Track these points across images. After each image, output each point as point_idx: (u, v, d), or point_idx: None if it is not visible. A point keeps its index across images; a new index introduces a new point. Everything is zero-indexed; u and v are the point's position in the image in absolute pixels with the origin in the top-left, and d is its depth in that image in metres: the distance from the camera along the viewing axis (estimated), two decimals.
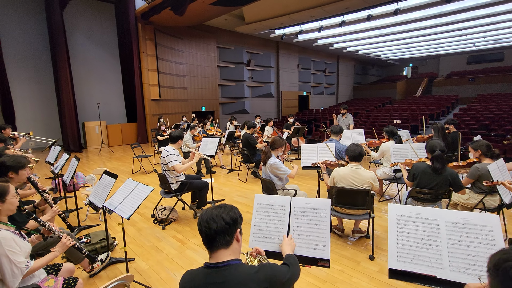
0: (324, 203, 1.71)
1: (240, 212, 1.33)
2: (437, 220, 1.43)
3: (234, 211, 1.26)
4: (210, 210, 1.23)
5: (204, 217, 1.21)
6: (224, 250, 1.20)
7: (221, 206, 1.27)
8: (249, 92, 15.97)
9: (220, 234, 1.18)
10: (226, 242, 1.20)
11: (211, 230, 1.17)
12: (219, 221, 1.18)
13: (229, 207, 1.27)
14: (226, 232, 1.19)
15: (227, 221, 1.20)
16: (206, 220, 1.19)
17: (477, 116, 11.49)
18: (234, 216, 1.24)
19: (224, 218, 1.20)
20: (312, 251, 1.65)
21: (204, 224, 1.19)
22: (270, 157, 3.37)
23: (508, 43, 18.02)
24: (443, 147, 2.82)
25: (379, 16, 11.18)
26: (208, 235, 1.19)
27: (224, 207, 1.26)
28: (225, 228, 1.18)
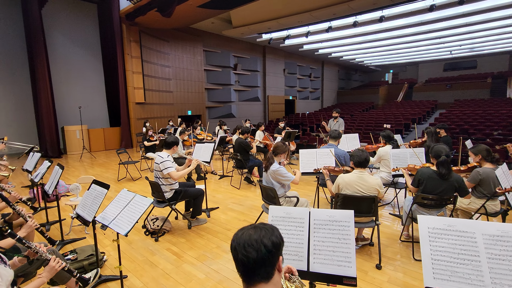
0: (347, 215, 1.60)
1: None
2: (473, 232, 1.35)
3: (275, 233, 1.06)
4: (248, 233, 1.03)
5: (241, 241, 1.02)
6: (264, 285, 1.01)
7: (260, 227, 1.07)
8: (235, 96, 15.84)
9: (261, 266, 0.99)
10: (267, 274, 1.00)
11: (249, 259, 0.98)
12: (259, 248, 0.99)
13: (269, 228, 1.07)
14: (268, 263, 1.00)
15: (269, 248, 1.00)
16: (244, 245, 1.00)
17: (456, 121, 11.94)
18: (276, 241, 1.04)
19: (266, 244, 1.00)
20: (336, 268, 1.52)
21: (242, 252, 0.99)
22: (273, 163, 3.23)
23: (481, 51, 19.03)
24: (448, 152, 2.81)
25: (365, 23, 11.43)
26: (246, 266, 0.99)
27: (264, 228, 1.06)
28: (266, 258, 0.99)
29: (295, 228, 1.63)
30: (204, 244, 3.36)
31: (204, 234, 3.61)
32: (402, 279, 2.62)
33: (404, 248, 3.19)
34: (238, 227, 3.78)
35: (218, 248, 3.26)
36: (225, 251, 3.19)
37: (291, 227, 1.64)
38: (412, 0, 9.51)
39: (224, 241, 3.42)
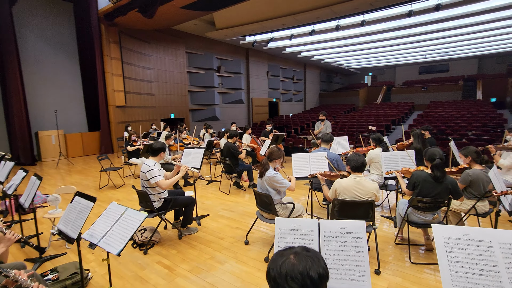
0: (359, 225, 1.54)
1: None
2: (489, 241, 1.32)
3: (322, 264, 0.91)
4: (291, 262, 0.89)
5: (283, 272, 0.88)
6: None
7: (303, 254, 0.92)
8: (219, 98, 15.65)
9: None
10: None
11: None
12: (305, 283, 0.85)
13: (314, 257, 0.92)
14: None
15: (316, 283, 0.85)
16: (287, 278, 0.86)
17: (433, 122, 12.43)
18: (323, 273, 0.89)
19: (313, 277, 0.86)
20: (350, 283, 1.45)
21: (284, 285, 0.86)
22: (268, 169, 3.14)
23: (453, 55, 20.03)
24: (442, 155, 2.84)
25: (347, 27, 11.66)
26: None
27: (308, 257, 0.91)
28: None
29: (304, 241, 1.55)
30: (197, 255, 3.21)
31: (196, 244, 3.45)
32: (401, 284, 2.61)
33: (400, 251, 3.20)
34: (232, 235, 3.68)
35: (212, 259, 3.12)
36: (219, 262, 3.05)
37: (300, 240, 1.56)
38: (391, 5, 9.80)
39: (218, 251, 3.28)
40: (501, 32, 13.64)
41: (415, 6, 9.58)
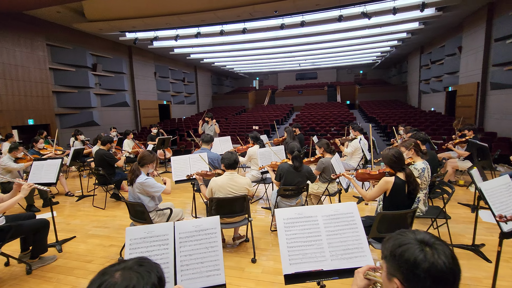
0: (213, 221, 1.56)
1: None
2: (316, 216, 1.58)
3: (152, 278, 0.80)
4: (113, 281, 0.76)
5: None
6: None
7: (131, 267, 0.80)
8: (97, 100, 13.62)
9: None
10: None
11: None
12: None
13: (145, 271, 0.80)
14: None
15: None
16: None
17: (307, 120, 14.60)
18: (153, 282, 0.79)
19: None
20: (206, 280, 1.46)
21: None
22: (139, 175, 2.89)
23: (319, 65, 24.08)
24: (299, 147, 3.30)
25: (230, 32, 12.22)
26: None
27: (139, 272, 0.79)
28: None
29: (159, 247, 1.46)
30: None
31: (52, 276, 2.83)
32: (273, 266, 2.88)
33: (275, 237, 3.54)
34: (104, 255, 3.21)
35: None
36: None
37: (153, 248, 1.46)
38: (268, 17, 10.88)
39: (83, 278, 2.80)
40: (351, 49, 17.28)
41: (286, 20, 10.96)
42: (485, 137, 8.86)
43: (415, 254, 0.81)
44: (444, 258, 0.80)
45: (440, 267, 0.78)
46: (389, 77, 24.10)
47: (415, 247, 0.83)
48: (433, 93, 15.19)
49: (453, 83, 12.72)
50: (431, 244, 0.83)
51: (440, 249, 0.82)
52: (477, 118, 10.99)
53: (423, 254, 0.80)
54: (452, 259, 0.81)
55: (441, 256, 0.80)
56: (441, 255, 0.80)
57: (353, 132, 5.30)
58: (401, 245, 0.86)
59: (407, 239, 0.86)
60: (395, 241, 0.88)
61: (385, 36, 14.00)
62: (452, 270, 0.79)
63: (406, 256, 0.83)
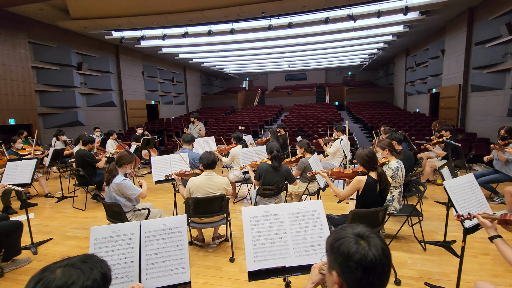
0: (180, 220, 1.57)
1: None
2: (282, 214, 1.61)
3: (93, 275, 0.80)
4: (52, 278, 0.76)
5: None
6: None
7: (74, 263, 0.80)
8: (82, 100, 13.36)
9: None
10: None
11: None
12: None
13: (88, 267, 0.80)
14: None
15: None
16: None
17: (295, 121, 14.71)
18: (92, 285, 0.79)
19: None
20: (171, 278, 1.46)
21: None
22: (116, 175, 2.86)
23: (308, 66, 24.30)
24: (278, 147, 3.33)
25: (219, 33, 12.21)
26: None
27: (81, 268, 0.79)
28: None
29: (124, 246, 1.46)
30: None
31: (25, 279, 2.77)
32: None
33: None
34: None
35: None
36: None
37: (118, 247, 1.46)
38: (255, 18, 10.92)
39: None
40: (339, 51, 17.49)
41: (274, 21, 11.02)
42: (466, 138, 9.14)
43: (349, 247, 0.85)
44: (374, 250, 0.83)
45: (370, 259, 0.82)
46: (376, 79, 24.53)
47: (351, 240, 0.86)
48: (418, 94, 15.54)
49: (437, 85, 13.05)
50: (365, 237, 0.87)
51: (372, 242, 0.86)
52: (459, 119, 11.32)
53: (356, 247, 0.84)
54: (383, 251, 0.85)
55: (372, 249, 0.83)
56: (372, 248, 0.84)
57: (336, 132, 5.38)
58: (339, 238, 0.89)
59: (345, 233, 0.90)
60: (335, 235, 0.92)
61: (371, 38, 14.25)
62: (381, 262, 0.83)
63: (341, 249, 0.86)
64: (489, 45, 9.04)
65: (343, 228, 0.94)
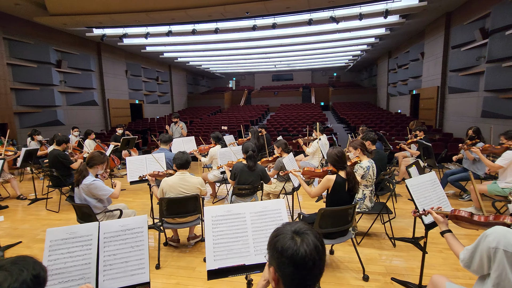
0: (140, 220, 1.56)
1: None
2: (244, 213, 1.63)
3: (23, 276, 0.78)
4: None
5: None
6: None
7: (6, 268, 0.78)
8: (62, 99, 12.97)
9: None
10: None
11: None
12: None
13: (17, 269, 0.78)
14: None
15: None
16: None
17: (281, 121, 14.80)
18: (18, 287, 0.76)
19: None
20: (130, 279, 1.45)
21: None
22: (87, 176, 2.80)
23: (294, 67, 24.50)
24: (254, 147, 3.35)
25: (203, 32, 12.12)
26: None
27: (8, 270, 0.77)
28: None
29: (81, 248, 1.44)
30: None
31: None
32: None
33: None
34: None
35: None
36: None
37: (75, 249, 1.44)
38: (239, 18, 10.91)
39: None
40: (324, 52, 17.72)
41: (258, 21, 11.06)
42: (442, 138, 9.47)
43: (283, 243, 0.88)
44: (306, 246, 0.86)
45: (301, 255, 0.85)
46: (361, 80, 25.01)
47: (287, 237, 0.89)
48: (400, 96, 15.96)
49: (417, 86, 13.44)
50: (301, 234, 0.89)
51: (306, 238, 0.88)
52: (437, 120, 11.70)
53: (289, 243, 0.87)
54: (315, 247, 0.87)
55: (304, 245, 0.86)
56: (304, 244, 0.86)
57: (315, 132, 5.46)
58: (277, 235, 0.92)
59: (283, 230, 0.93)
60: (275, 232, 0.94)
61: (355, 40, 14.52)
62: (312, 258, 0.86)
63: (277, 245, 0.89)
64: (464, 49, 9.40)
65: (284, 225, 0.96)
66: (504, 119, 7.70)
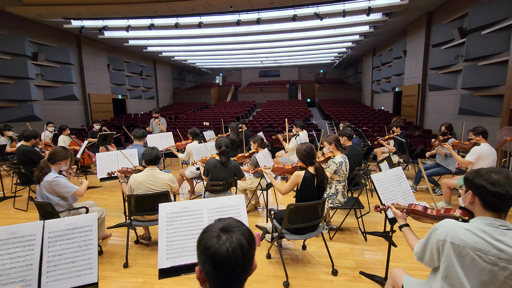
0: (89, 219, 1.49)
1: None
2: (201, 209, 1.58)
3: None
4: None
5: None
6: None
7: None
8: (39, 93, 12.46)
9: None
10: None
11: None
12: None
13: None
14: None
15: None
16: None
17: (266, 117, 14.78)
18: None
19: None
20: (76, 280, 1.39)
21: None
22: (48, 172, 2.68)
23: (281, 63, 24.49)
24: (227, 143, 3.30)
25: (187, 26, 11.89)
26: None
27: None
28: None
29: (22, 249, 1.36)
30: None
31: None
32: None
33: None
34: None
35: None
36: None
37: (16, 249, 1.35)
38: (223, 13, 10.76)
39: None
40: (310, 48, 17.75)
41: (242, 16, 10.93)
42: (422, 134, 9.69)
43: (207, 241, 0.84)
44: (229, 244, 0.82)
45: (222, 254, 0.81)
46: (346, 77, 25.27)
47: (213, 235, 0.85)
48: (383, 93, 16.23)
49: (399, 84, 13.69)
50: (227, 231, 0.86)
51: (231, 236, 0.84)
52: (418, 116, 11.97)
53: (213, 241, 0.83)
54: (239, 245, 0.83)
55: (227, 243, 0.82)
56: (227, 242, 0.83)
57: (295, 128, 5.46)
58: (205, 232, 0.88)
59: (211, 227, 0.89)
60: (203, 230, 0.90)
61: (340, 37, 14.61)
62: (234, 256, 0.82)
63: (201, 243, 0.85)
64: (444, 48, 9.61)
65: (215, 221, 0.92)
66: (480, 116, 7.95)
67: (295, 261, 2.80)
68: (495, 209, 1.28)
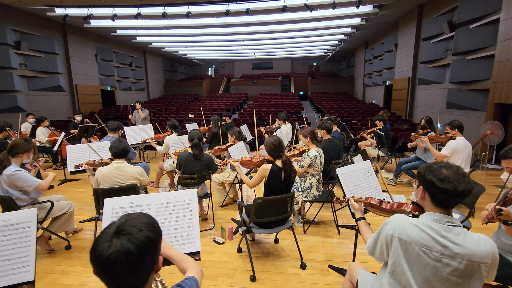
0: (28, 215, 1.42)
1: None
2: (149, 204, 1.52)
3: None
4: None
5: None
6: None
7: None
8: (23, 83, 12.13)
9: None
10: None
11: None
12: None
13: None
14: None
15: None
16: None
17: (258, 110, 14.68)
18: None
19: None
20: (10, 278, 1.32)
21: None
22: (8, 166, 2.58)
23: (274, 55, 24.24)
24: (200, 136, 3.23)
25: (175, 16, 11.61)
26: None
27: None
28: None
29: None
30: None
31: None
32: None
33: None
34: None
35: None
36: None
37: None
38: (212, 2, 10.52)
39: None
40: (302, 41, 17.56)
41: (231, 6, 10.70)
42: (410, 128, 9.73)
43: (96, 240, 0.79)
44: (114, 249, 0.75)
45: (102, 260, 0.75)
46: (339, 70, 25.18)
47: (106, 237, 0.78)
48: (375, 86, 16.21)
49: (390, 77, 13.67)
50: (122, 234, 0.78)
51: (121, 240, 0.77)
52: (407, 110, 12.00)
53: (99, 242, 0.77)
54: (124, 253, 0.75)
55: (112, 248, 0.75)
56: (113, 247, 0.75)
57: (278, 121, 5.40)
58: (103, 230, 0.83)
59: (110, 226, 0.83)
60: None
61: (332, 30, 14.46)
62: (113, 264, 0.74)
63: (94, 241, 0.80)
64: (434, 41, 9.57)
65: (119, 218, 0.87)
66: (466, 110, 7.98)
67: (265, 254, 2.78)
68: (444, 205, 1.25)
